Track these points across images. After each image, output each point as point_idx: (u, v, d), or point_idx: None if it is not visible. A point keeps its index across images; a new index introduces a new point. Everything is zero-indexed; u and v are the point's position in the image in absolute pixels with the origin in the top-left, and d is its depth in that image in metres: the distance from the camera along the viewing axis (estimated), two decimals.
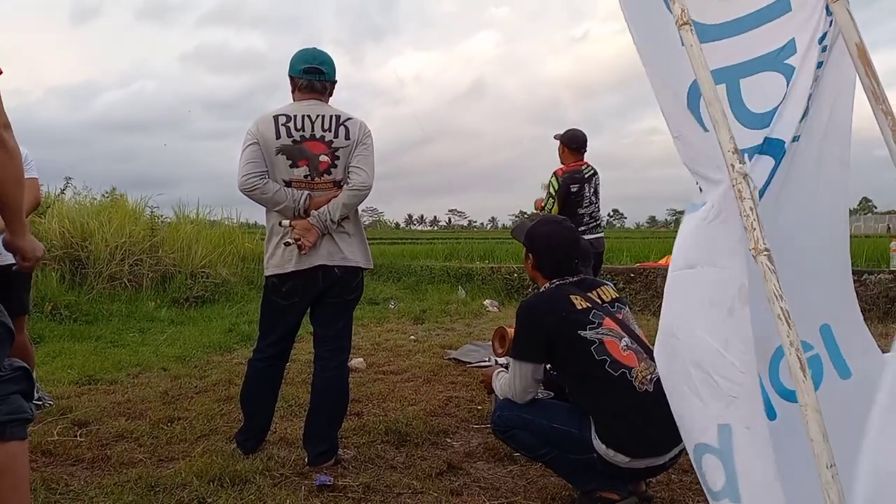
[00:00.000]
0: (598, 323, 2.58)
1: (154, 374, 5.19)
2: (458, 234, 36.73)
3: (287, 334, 3.34)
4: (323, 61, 3.23)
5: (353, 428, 3.72)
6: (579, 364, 2.55)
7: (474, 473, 3.12)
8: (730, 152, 1.60)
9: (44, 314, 7.13)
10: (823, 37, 1.85)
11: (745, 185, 1.57)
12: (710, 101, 1.65)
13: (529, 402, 2.71)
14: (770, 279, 1.49)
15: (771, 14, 1.90)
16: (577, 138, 5.84)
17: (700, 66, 1.67)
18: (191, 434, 3.62)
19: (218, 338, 6.74)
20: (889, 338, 7.05)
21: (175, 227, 10.69)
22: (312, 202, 3.13)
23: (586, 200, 5.72)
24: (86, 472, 3.13)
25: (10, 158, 1.94)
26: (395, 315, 8.84)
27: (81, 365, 5.33)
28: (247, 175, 3.08)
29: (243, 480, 2.94)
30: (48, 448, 3.37)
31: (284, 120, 3.12)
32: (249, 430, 3.37)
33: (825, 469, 1.37)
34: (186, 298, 8.83)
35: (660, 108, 1.85)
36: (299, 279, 3.17)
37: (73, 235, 8.90)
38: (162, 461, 3.25)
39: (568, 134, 5.88)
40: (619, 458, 2.47)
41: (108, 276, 8.73)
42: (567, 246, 2.79)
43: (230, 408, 4.09)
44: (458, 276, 11.87)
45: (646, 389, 2.48)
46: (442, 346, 6.44)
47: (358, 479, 3.00)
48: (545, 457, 2.70)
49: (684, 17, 1.71)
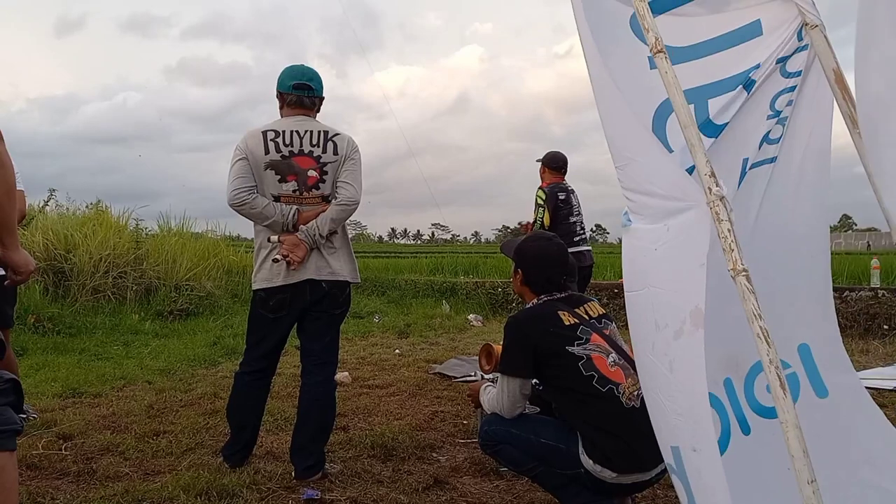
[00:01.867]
0: (585, 339, 2.61)
1: (139, 388, 5.17)
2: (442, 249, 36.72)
3: (274, 348, 3.35)
4: (311, 77, 3.27)
5: (339, 442, 3.74)
6: (567, 379, 2.58)
7: (461, 488, 3.14)
8: (706, 175, 1.63)
9: (27, 326, 7.07)
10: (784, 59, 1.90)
11: (723, 207, 1.60)
12: (685, 124, 1.67)
13: (517, 417, 2.73)
14: (749, 299, 1.52)
15: (742, 37, 1.95)
16: (558, 159, 6.07)
17: (675, 93, 1.70)
18: (177, 448, 3.62)
19: (203, 351, 6.72)
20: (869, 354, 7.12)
21: (159, 240, 10.64)
22: (301, 217, 3.16)
23: (575, 210, 5.88)
24: (71, 485, 3.11)
25: (2, 171, 1.95)
26: (380, 329, 8.85)
27: (65, 378, 5.30)
28: (236, 190, 3.10)
29: (231, 494, 2.94)
30: (33, 461, 3.35)
31: (273, 135, 3.16)
32: (236, 443, 3.38)
33: (806, 485, 1.40)
34: (171, 311, 8.78)
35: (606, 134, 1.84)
36: (287, 293, 3.19)
37: (56, 247, 8.84)
38: (148, 475, 3.25)
39: (549, 156, 6.11)
40: (606, 474, 2.50)
41: (92, 289, 8.67)
42: (556, 262, 2.83)
43: (216, 421, 4.09)
44: (442, 291, 11.89)
45: (633, 405, 2.51)
46: (427, 361, 6.46)
47: (345, 493, 3.02)
48: (532, 472, 2.72)
49: (659, 45, 1.74)
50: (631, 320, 1.85)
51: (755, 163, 1.95)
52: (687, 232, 1.63)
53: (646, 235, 1.75)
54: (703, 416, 1.61)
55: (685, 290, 1.63)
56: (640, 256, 1.79)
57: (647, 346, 1.76)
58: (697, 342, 1.59)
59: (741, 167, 1.93)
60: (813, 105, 1.95)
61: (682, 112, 1.68)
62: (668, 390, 1.70)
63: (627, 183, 1.80)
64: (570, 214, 5.84)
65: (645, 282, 1.76)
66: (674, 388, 1.67)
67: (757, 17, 1.92)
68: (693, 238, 1.61)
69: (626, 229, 1.83)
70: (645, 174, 1.76)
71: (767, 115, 1.92)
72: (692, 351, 1.60)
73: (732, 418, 1.95)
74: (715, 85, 1.93)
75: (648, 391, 1.81)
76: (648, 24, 1.76)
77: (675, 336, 1.65)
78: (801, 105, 1.95)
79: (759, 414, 1.95)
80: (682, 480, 1.70)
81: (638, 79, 1.93)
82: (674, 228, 1.67)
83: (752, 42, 1.91)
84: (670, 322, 1.67)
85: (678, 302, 1.65)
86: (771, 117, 1.92)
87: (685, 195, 1.64)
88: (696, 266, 1.60)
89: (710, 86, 1.93)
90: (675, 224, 1.67)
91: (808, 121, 1.96)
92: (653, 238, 1.73)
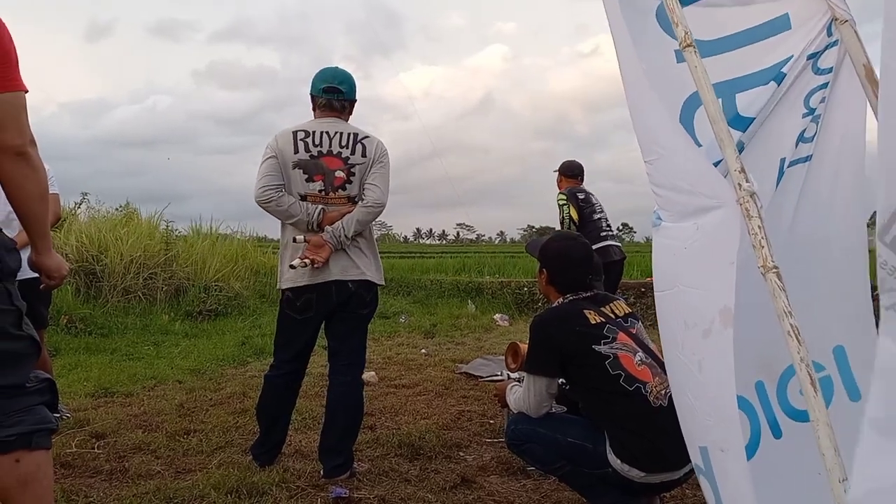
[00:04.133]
0: (612, 338, 2.60)
1: (169, 387, 5.24)
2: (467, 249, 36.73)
3: (303, 349, 3.37)
4: (342, 80, 3.29)
5: (366, 441, 3.76)
6: (594, 379, 2.57)
7: (488, 487, 3.14)
8: (736, 171, 1.60)
9: (59, 327, 7.19)
10: (815, 55, 1.86)
11: (753, 203, 1.57)
12: (714, 119, 1.65)
13: (543, 417, 2.73)
14: (779, 297, 1.49)
15: (770, 31, 1.92)
16: (574, 167, 6.22)
17: (705, 88, 1.68)
18: (207, 446, 3.66)
19: (231, 351, 6.79)
20: None
21: (189, 242, 10.78)
22: (326, 216, 3.18)
23: (598, 208, 5.96)
24: (104, 483, 3.17)
25: (35, 174, 1.99)
26: (406, 329, 8.87)
27: (97, 377, 5.39)
28: (263, 187, 3.14)
29: (260, 492, 2.97)
30: (67, 460, 3.41)
31: (303, 135, 3.19)
32: (265, 442, 3.41)
33: (837, 483, 1.37)
34: (200, 312, 8.89)
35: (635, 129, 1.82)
36: (313, 293, 3.21)
37: (88, 249, 9.01)
38: (179, 473, 3.29)
39: (565, 164, 6.26)
40: (634, 473, 2.49)
41: (123, 290, 8.81)
42: (581, 261, 2.82)
43: (245, 420, 4.13)
44: (467, 291, 11.89)
45: (660, 404, 2.49)
46: (453, 360, 6.47)
47: (373, 491, 3.03)
48: (559, 471, 2.71)
49: (688, 39, 1.72)
50: (661, 319, 1.83)
51: (792, 161, 1.92)
52: (716, 230, 1.61)
53: (676, 234, 1.74)
54: (731, 418, 1.59)
55: (714, 288, 1.61)
56: (670, 255, 1.77)
57: (677, 345, 1.74)
58: (726, 342, 1.57)
59: (778, 167, 1.90)
60: (845, 102, 1.91)
61: (711, 107, 1.66)
62: (696, 390, 1.68)
63: (656, 178, 1.79)
64: (593, 212, 5.93)
65: (674, 281, 1.75)
66: (703, 388, 1.66)
67: (785, 11, 1.89)
68: (723, 236, 1.59)
69: (657, 228, 1.82)
70: (674, 170, 1.74)
71: (802, 112, 1.89)
72: (721, 351, 1.58)
73: (763, 422, 1.92)
74: (743, 79, 1.90)
75: (677, 391, 1.80)
76: (678, 18, 1.73)
77: (703, 335, 1.63)
78: (834, 102, 1.92)
79: (791, 417, 1.92)
80: (710, 481, 1.68)
81: (664, 72, 1.91)
82: (703, 227, 1.65)
83: (781, 36, 1.88)
84: (699, 321, 1.65)
85: (707, 301, 1.63)
86: (806, 115, 1.89)
87: (714, 192, 1.63)
88: (725, 265, 1.58)
89: (738, 80, 1.90)
90: (705, 222, 1.65)
91: (842, 118, 1.92)
92: (682, 237, 1.71)
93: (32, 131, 1.99)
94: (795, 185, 1.91)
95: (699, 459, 1.72)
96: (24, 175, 1.95)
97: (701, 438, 1.70)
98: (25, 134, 1.94)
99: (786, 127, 1.89)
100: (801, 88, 1.88)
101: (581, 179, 6.18)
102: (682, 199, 1.72)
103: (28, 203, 1.99)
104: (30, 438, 1.91)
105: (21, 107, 1.94)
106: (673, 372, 1.83)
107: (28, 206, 2.00)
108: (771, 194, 1.86)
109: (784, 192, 1.92)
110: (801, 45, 1.85)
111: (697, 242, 1.67)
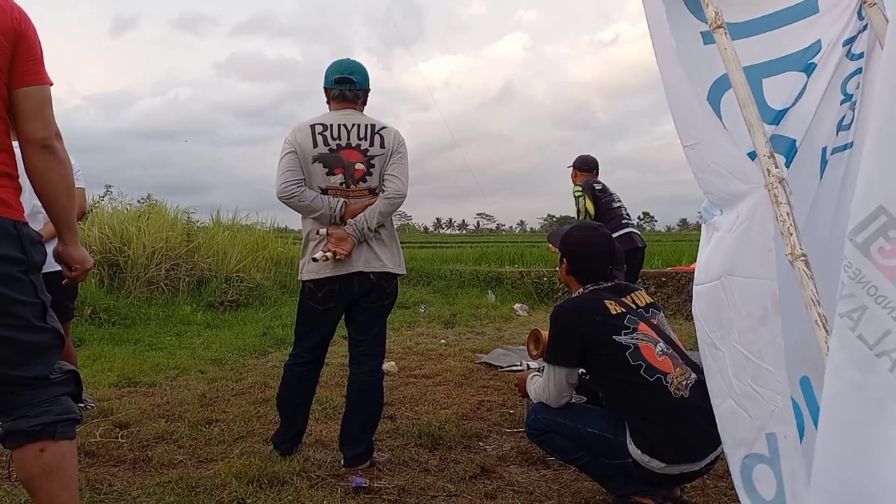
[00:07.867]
0: (632, 328, 2.57)
1: (191, 377, 5.28)
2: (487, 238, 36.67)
3: (322, 339, 3.38)
4: (353, 71, 3.28)
5: (386, 431, 3.76)
6: (614, 369, 2.55)
7: (508, 477, 3.13)
8: (765, 156, 1.59)
9: (83, 318, 7.29)
10: (850, 40, 1.83)
11: (782, 189, 1.55)
12: (744, 103, 1.63)
13: (564, 407, 2.72)
14: (807, 285, 1.47)
15: (798, 14, 1.88)
16: (588, 161, 6.29)
17: (735, 70, 1.66)
18: (229, 436, 3.69)
19: (253, 341, 6.83)
20: None
21: (211, 233, 10.86)
22: (348, 209, 3.18)
23: (615, 197, 5.97)
24: (128, 472, 3.20)
25: (61, 167, 2.00)
26: (426, 319, 8.88)
27: (121, 368, 5.44)
28: (285, 183, 3.14)
29: (281, 482, 2.99)
30: (91, 449, 3.45)
31: (321, 129, 3.18)
32: (286, 432, 3.43)
33: None
34: (221, 302, 8.96)
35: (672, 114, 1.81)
36: (335, 284, 3.21)
37: (111, 241, 9.11)
38: (201, 462, 3.32)
39: (579, 159, 6.32)
40: (654, 464, 2.47)
41: (146, 281, 8.91)
42: (602, 251, 2.80)
43: (266, 410, 4.16)
44: (487, 280, 11.89)
45: (682, 395, 2.47)
46: (473, 350, 6.47)
47: (393, 481, 3.04)
48: (579, 461, 2.70)
49: (718, 20, 1.70)
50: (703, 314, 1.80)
51: (834, 148, 1.88)
52: (752, 216, 1.61)
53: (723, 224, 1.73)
54: (789, 403, 1.62)
55: (762, 275, 1.61)
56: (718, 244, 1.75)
57: (732, 333, 1.72)
58: (777, 328, 1.59)
59: (821, 156, 1.87)
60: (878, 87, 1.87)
61: (741, 90, 1.63)
62: (760, 378, 1.66)
63: (698, 163, 1.77)
64: (612, 201, 5.98)
65: (721, 270, 1.73)
66: (766, 376, 1.64)
67: None
68: (758, 223, 1.59)
69: (707, 224, 1.80)
70: (714, 154, 1.73)
71: (840, 99, 1.85)
72: (776, 337, 1.60)
73: (808, 419, 1.89)
74: (770, 64, 1.87)
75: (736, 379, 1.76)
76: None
77: (760, 322, 1.63)
78: (868, 88, 1.88)
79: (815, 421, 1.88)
80: (775, 467, 1.65)
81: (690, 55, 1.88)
82: (742, 213, 1.65)
83: (809, 20, 1.85)
84: (752, 309, 1.65)
85: (758, 288, 1.63)
86: (844, 101, 1.85)
87: (746, 178, 1.61)
88: (764, 251, 1.58)
89: (765, 64, 1.87)
90: (744, 208, 1.65)
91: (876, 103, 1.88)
92: (727, 226, 1.71)
93: (57, 124, 2.00)
94: (838, 174, 1.88)
95: (763, 447, 1.69)
96: (50, 167, 1.97)
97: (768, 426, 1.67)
98: (51, 127, 1.96)
99: (824, 115, 1.86)
100: (838, 74, 1.84)
101: (596, 173, 6.22)
102: (721, 184, 1.71)
103: (54, 195, 2.01)
104: (54, 428, 1.93)
105: (46, 100, 1.96)
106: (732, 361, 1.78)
107: (54, 198, 2.02)
108: (816, 186, 1.83)
109: (826, 183, 1.89)
110: (828, 29, 1.82)
111: (739, 229, 1.66)
